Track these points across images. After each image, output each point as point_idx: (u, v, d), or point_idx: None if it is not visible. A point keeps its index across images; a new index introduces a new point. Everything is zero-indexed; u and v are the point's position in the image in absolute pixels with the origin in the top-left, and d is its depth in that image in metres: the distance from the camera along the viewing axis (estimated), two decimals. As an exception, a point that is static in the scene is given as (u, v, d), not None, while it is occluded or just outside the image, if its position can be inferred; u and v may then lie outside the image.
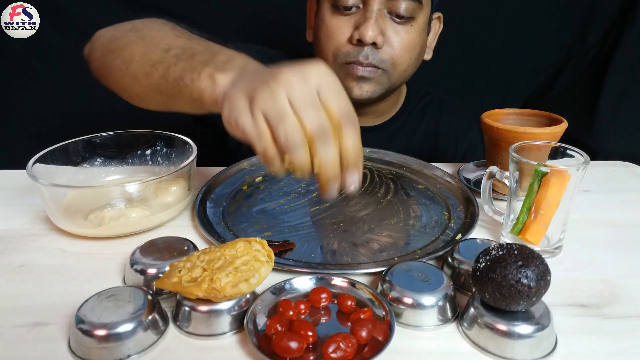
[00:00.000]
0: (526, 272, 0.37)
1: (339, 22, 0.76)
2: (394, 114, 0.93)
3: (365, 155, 0.78)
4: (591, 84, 1.25)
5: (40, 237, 0.56)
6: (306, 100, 0.42)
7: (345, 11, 0.75)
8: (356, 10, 0.75)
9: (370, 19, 0.73)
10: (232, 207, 0.62)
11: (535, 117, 0.66)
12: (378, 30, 0.73)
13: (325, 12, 0.78)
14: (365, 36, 0.73)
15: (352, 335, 0.37)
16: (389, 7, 0.74)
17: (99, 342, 0.37)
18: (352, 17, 0.76)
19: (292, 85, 0.42)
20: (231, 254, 0.42)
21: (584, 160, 0.50)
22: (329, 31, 0.77)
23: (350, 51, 0.76)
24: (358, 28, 0.74)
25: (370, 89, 0.79)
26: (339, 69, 0.78)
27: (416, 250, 0.53)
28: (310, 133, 0.42)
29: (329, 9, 0.77)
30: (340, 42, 0.77)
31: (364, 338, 0.38)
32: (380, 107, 0.88)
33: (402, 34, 0.76)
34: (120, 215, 0.54)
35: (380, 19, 0.74)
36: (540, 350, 0.38)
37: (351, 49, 0.76)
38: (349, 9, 0.75)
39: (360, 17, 0.75)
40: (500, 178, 0.55)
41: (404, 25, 0.76)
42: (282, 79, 0.42)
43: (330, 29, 0.77)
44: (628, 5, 1.22)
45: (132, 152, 0.68)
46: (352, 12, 0.75)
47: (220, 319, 0.40)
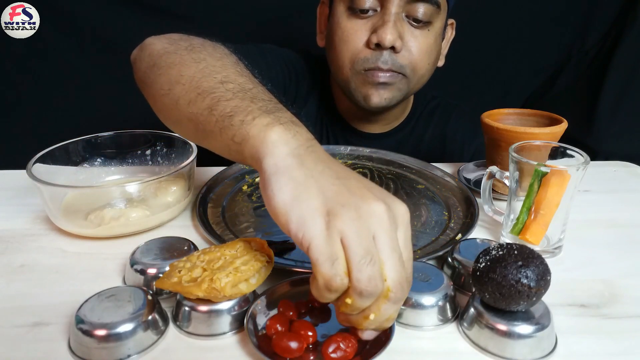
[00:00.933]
0: (526, 272, 0.37)
1: (355, 25, 0.74)
2: (402, 120, 0.92)
3: (365, 155, 0.78)
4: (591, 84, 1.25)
5: (40, 237, 0.56)
6: (395, 249, 0.34)
7: (362, 14, 0.74)
8: (373, 13, 0.73)
9: (388, 22, 0.71)
10: (232, 207, 0.62)
11: (535, 117, 0.66)
12: (397, 33, 0.72)
13: (341, 16, 0.76)
14: (384, 40, 0.71)
15: (352, 335, 0.37)
16: (407, 10, 0.73)
17: (99, 342, 0.37)
18: (369, 20, 0.74)
19: (385, 224, 0.34)
20: (231, 254, 0.42)
21: (584, 160, 0.50)
22: (345, 35, 0.75)
23: (369, 57, 0.74)
24: (376, 31, 0.72)
25: (389, 96, 0.77)
26: (356, 77, 0.77)
27: (416, 250, 0.53)
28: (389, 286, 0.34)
29: (344, 12, 0.75)
30: (357, 46, 0.75)
31: None
32: (391, 114, 0.88)
33: (419, 39, 0.75)
34: (120, 215, 0.54)
35: (399, 23, 0.73)
36: (540, 350, 0.38)
37: (369, 54, 0.74)
38: (365, 12, 0.73)
39: (377, 21, 0.73)
40: (500, 178, 0.55)
41: (422, 30, 0.75)
42: (375, 210, 0.34)
43: (347, 32, 0.75)
44: (628, 5, 1.22)
45: (132, 152, 0.68)
46: (369, 15, 0.74)
47: (220, 319, 0.40)
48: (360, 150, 0.79)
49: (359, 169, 0.74)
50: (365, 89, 0.77)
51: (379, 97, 0.77)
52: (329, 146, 0.80)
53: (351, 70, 0.77)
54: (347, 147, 0.79)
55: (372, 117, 0.87)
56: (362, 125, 0.90)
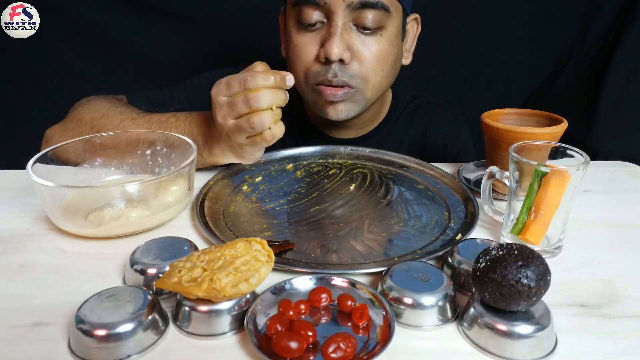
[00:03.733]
0: (526, 272, 0.38)
1: (305, 39, 0.73)
2: (378, 122, 0.90)
3: (365, 155, 0.78)
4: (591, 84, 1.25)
5: (40, 237, 0.56)
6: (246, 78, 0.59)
7: (310, 28, 0.72)
8: (321, 25, 0.72)
9: (335, 34, 0.69)
10: (232, 207, 0.62)
11: (535, 117, 0.66)
12: (344, 46, 0.70)
13: (292, 30, 0.75)
14: (331, 54, 0.69)
15: (352, 335, 0.37)
16: (354, 19, 0.71)
17: (99, 342, 0.37)
18: (317, 33, 0.73)
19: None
20: (231, 254, 0.42)
21: (584, 160, 0.50)
22: (296, 49, 0.75)
23: (319, 70, 0.73)
24: (324, 45, 0.71)
25: (345, 109, 0.76)
26: (310, 91, 0.76)
27: (416, 250, 0.53)
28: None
29: (294, 26, 0.74)
30: (308, 60, 0.74)
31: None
32: (362, 118, 0.86)
33: (371, 46, 0.73)
34: (120, 215, 0.54)
35: (346, 33, 0.71)
36: (540, 350, 0.38)
37: (319, 68, 0.73)
38: (312, 25, 0.72)
39: (325, 33, 0.71)
40: (500, 178, 0.55)
41: (373, 36, 0.73)
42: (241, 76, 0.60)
43: (297, 47, 0.74)
44: (628, 5, 1.22)
45: (132, 152, 0.68)
46: (317, 27, 0.72)
47: (220, 319, 0.40)
48: (360, 150, 0.79)
49: (359, 169, 0.74)
50: (320, 104, 0.77)
51: (336, 111, 0.76)
52: (329, 146, 0.79)
53: (306, 85, 0.76)
54: (347, 147, 0.79)
55: (343, 124, 0.86)
56: (336, 131, 0.89)
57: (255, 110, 0.59)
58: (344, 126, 0.87)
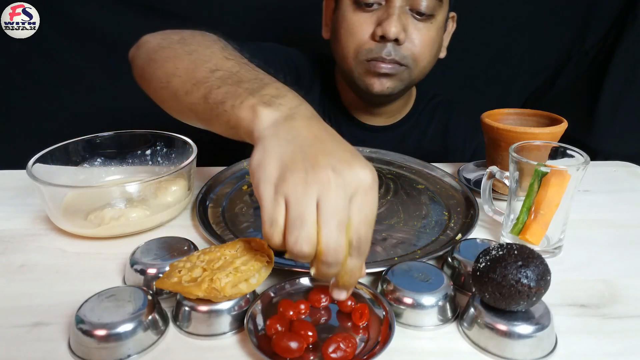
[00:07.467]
0: (526, 272, 0.37)
1: (361, 18, 0.77)
2: (405, 114, 0.94)
3: (365, 155, 0.78)
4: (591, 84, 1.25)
5: (40, 237, 0.56)
6: (335, 215, 0.36)
7: (367, 8, 0.76)
8: (378, 7, 0.76)
9: (393, 15, 0.74)
10: (232, 207, 0.62)
11: (535, 117, 0.66)
12: (401, 26, 0.74)
13: (346, 9, 0.78)
14: (389, 32, 0.73)
15: (352, 335, 0.37)
16: (411, 4, 0.75)
17: (99, 342, 0.37)
18: (374, 13, 0.76)
19: (329, 191, 0.36)
20: (231, 254, 0.42)
21: (584, 160, 0.50)
22: (350, 28, 0.78)
23: (373, 48, 0.76)
24: (380, 24, 0.75)
25: (392, 85, 0.79)
26: (360, 66, 0.79)
27: (416, 250, 0.53)
28: (321, 249, 0.36)
29: (350, 5, 0.78)
30: (362, 38, 0.77)
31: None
32: (393, 106, 0.90)
33: (422, 31, 0.77)
34: (120, 215, 0.54)
35: (403, 16, 0.75)
36: (540, 350, 0.38)
37: (373, 46, 0.76)
38: (370, 5, 0.76)
39: (382, 14, 0.75)
40: (500, 178, 0.55)
41: (425, 23, 0.77)
42: (321, 177, 0.37)
43: (352, 25, 0.77)
44: (628, 5, 1.22)
45: (132, 152, 0.68)
46: (374, 8, 0.76)
47: (220, 319, 0.40)
48: (360, 150, 0.78)
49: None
50: (367, 78, 0.79)
51: (381, 86, 0.79)
52: None
53: (355, 60, 0.79)
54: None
55: (375, 109, 0.89)
56: (366, 117, 0.92)
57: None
58: (375, 113, 0.90)
